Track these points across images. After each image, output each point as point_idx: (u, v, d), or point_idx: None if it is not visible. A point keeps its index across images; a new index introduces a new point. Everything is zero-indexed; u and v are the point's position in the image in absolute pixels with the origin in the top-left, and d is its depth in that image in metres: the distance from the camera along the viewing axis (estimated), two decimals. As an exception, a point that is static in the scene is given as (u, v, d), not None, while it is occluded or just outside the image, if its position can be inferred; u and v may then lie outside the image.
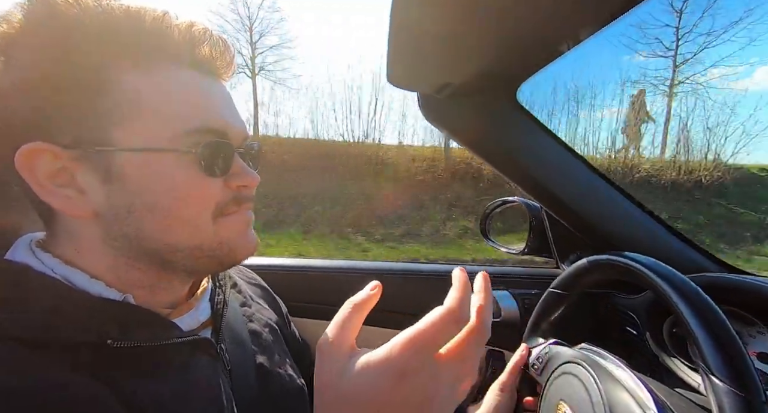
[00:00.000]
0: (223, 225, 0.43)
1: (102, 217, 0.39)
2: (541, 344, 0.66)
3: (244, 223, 0.46)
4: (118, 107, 0.37)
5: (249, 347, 0.55)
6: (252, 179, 0.45)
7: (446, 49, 0.57)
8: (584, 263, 0.62)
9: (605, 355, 0.54)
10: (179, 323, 0.45)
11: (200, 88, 0.41)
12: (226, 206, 0.43)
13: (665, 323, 0.70)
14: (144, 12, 0.39)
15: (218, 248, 0.43)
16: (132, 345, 0.38)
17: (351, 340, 0.35)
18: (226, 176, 0.43)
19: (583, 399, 0.48)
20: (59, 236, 0.42)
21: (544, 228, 0.97)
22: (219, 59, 0.44)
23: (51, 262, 0.40)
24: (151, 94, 0.38)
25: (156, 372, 0.39)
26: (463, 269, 0.38)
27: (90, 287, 0.40)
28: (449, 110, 0.76)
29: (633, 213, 0.80)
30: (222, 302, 0.53)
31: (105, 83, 0.37)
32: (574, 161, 0.79)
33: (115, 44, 0.37)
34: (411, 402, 0.31)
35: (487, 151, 0.81)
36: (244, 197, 0.45)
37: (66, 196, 0.38)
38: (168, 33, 0.40)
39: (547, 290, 0.69)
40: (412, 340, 0.32)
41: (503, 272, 1.00)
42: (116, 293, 0.41)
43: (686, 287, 0.44)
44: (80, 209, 0.39)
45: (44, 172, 0.37)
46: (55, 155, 0.37)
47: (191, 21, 0.42)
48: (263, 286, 0.72)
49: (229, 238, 0.44)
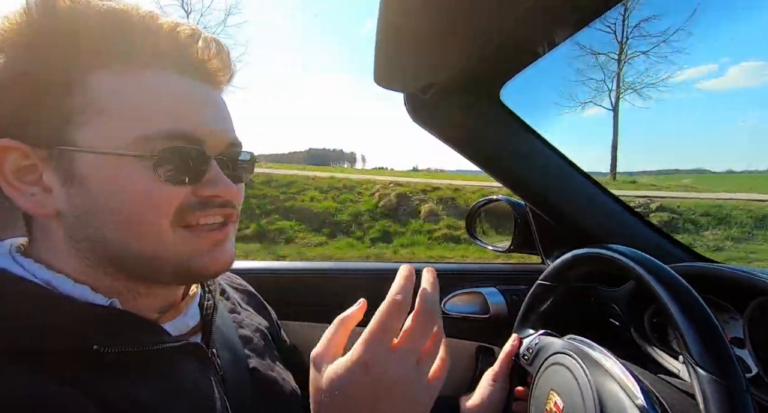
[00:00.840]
0: (184, 238, 0.41)
1: (64, 218, 0.39)
2: (532, 335, 0.68)
3: (209, 239, 0.42)
4: (83, 107, 0.37)
5: (241, 352, 0.54)
6: (224, 189, 0.42)
7: (430, 49, 0.58)
8: (571, 256, 0.64)
9: (593, 345, 0.55)
10: (168, 327, 0.44)
11: (175, 91, 0.40)
12: (188, 214, 0.40)
13: (646, 313, 0.73)
14: (122, 13, 0.38)
15: (177, 263, 0.41)
16: (117, 350, 0.37)
17: (338, 351, 0.41)
18: (196, 184, 0.40)
19: (572, 388, 0.50)
20: (37, 238, 0.41)
21: (529, 225, 0.99)
22: (210, 62, 0.42)
23: (32, 267, 0.39)
24: (118, 96, 0.37)
25: (141, 377, 0.38)
26: (410, 266, 0.43)
27: (74, 292, 0.39)
28: (434, 110, 0.77)
29: (612, 208, 0.84)
30: (212, 307, 0.52)
31: (72, 84, 0.37)
32: (556, 159, 0.81)
33: (85, 45, 0.37)
34: (382, 390, 0.37)
35: (472, 150, 0.82)
36: (212, 205, 0.42)
37: (31, 194, 0.38)
38: (148, 36, 0.39)
39: (535, 283, 0.70)
40: (367, 336, 0.38)
41: (490, 269, 1.02)
42: (102, 298, 0.40)
43: (669, 276, 0.46)
44: (44, 207, 0.38)
45: (11, 168, 0.38)
46: (24, 153, 0.37)
47: (177, 22, 0.40)
48: (251, 292, 0.71)
49: (190, 252, 0.41)
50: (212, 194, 0.41)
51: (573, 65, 14.03)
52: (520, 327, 0.72)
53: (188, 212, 0.40)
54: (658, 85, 14.42)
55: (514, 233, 1.04)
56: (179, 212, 0.40)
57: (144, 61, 0.38)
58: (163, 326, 0.44)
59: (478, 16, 0.50)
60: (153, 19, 0.39)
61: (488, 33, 0.53)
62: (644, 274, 0.47)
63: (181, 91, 0.40)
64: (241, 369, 0.52)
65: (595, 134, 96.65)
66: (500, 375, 0.68)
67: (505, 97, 0.79)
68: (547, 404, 0.54)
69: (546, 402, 0.54)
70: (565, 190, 0.83)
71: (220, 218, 0.43)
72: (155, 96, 0.38)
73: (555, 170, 0.82)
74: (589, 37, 2.69)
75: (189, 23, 0.41)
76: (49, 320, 0.36)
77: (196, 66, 0.42)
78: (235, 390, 0.48)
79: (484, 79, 0.73)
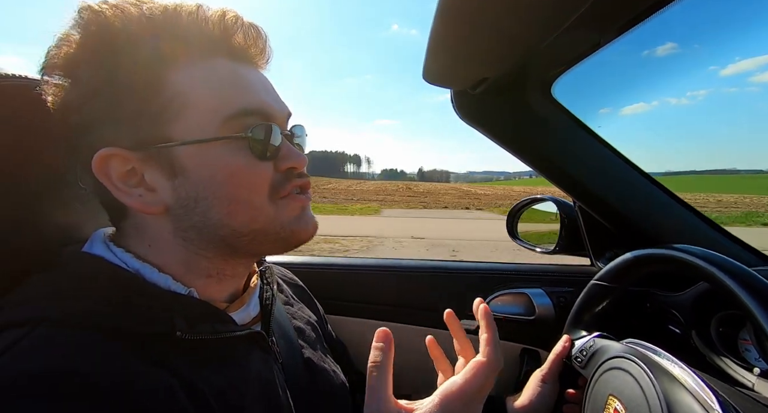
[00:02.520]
0: (282, 207, 0.44)
1: (172, 210, 0.41)
2: (585, 336, 0.65)
3: (300, 205, 0.46)
4: (169, 104, 0.39)
5: (296, 342, 0.56)
6: (299, 160, 0.45)
7: (485, 44, 0.57)
8: (632, 256, 0.61)
9: (658, 351, 0.52)
10: (234, 317, 0.46)
11: (237, 75, 0.42)
12: (280, 187, 0.43)
13: (713, 320, 0.68)
14: (180, 9, 0.40)
15: (281, 231, 0.44)
16: (197, 337, 0.39)
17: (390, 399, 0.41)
18: (275, 159, 0.43)
19: (635, 394, 0.47)
20: (129, 232, 0.44)
21: (577, 226, 0.95)
22: (253, 46, 0.44)
23: (124, 256, 0.42)
24: (195, 87, 0.40)
25: (215, 363, 0.41)
26: (485, 305, 0.49)
27: (159, 281, 0.42)
28: (483, 106, 0.76)
29: (673, 208, 0.79)
30: (271, 298, 0.54)
31: (153, 84, 0.39)
32: (612, 157, 0.78)
33: (157, 46, 0.39)
34: None
35: (521, 147, 0.80)
36: (293, 176, 0.45)
37: (139, 195, 0.41)
38: (203, 27, 0.40)
39: (590, 282, 0.67)
40: (460, 391, 0.42)
41: (536, 269, 0.99)
42: (182, 287, 0.43)
43: (757, 282, 0.42)
44: (153, 205, 0.41)
45: (117, 174, 0.40)
46: (124, 157, 0.39)
47: (223, 10, 0.42)
48: (301, 286, 0.73)
49: (289, 220, 0.44)
50: (290, 165, 0.44)
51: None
52: (571, 328, 0.70)
53: (279, 185, 0.43)
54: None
55: (561, 234, 1.00)
56: (272, 186, 0.43)
57: (203, 51, 0.41)
58: (231, 314, 0.46)
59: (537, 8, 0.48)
60: (203, 11, 0.41)
61: (545, 26, 0.52)
62: (725, 279, 0.43)
63: (239, 74, 0.42)
64: (297, 358, 0.54)
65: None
66: (550, 376, 0.66)
67: (558, 93, 0.77)
68: (606, 409, 0.51)
69: (605, 407, 0.52)
70: (621, 189, 0.79)
71: (299, 188, 0.46)
72: (224, 81, 0.41)
73: (610, 168, 0.79)
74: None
75: (231, 10, 0.43)
76: (139, 305, 0.38)
77: (244, 51, 0.44)
78: (293, 378, 0.50)
79: (537, 74, 0.71)
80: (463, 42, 0.55)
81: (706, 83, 39.57)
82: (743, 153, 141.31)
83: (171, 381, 0.35)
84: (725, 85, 62.17)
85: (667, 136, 73.04)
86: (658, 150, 30.11)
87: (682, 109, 33.02)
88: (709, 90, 34.06)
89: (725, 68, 31.98)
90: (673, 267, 0.54)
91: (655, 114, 48.94)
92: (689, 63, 27.22)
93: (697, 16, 24.42)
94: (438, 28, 0.51)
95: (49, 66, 0.40)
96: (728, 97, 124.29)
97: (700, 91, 49.46)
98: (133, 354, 0.35)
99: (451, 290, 0.97)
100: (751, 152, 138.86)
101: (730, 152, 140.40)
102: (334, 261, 1.07)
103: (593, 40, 0.60)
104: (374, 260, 1.07)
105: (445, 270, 1.01)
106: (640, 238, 0.81)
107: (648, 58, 25.06)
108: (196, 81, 0.40)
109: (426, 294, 0.98)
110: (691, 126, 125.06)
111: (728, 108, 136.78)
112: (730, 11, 31.39)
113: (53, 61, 0.40)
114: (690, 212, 0.79)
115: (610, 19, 0.52)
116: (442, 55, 0.60)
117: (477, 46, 0.56)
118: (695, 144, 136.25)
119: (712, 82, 41.09)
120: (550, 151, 0.79)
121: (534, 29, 0.52)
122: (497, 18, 0.49)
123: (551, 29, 0.51)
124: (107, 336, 0.35)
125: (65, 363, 0.31)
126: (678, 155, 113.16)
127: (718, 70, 32.95)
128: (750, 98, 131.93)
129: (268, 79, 0.46)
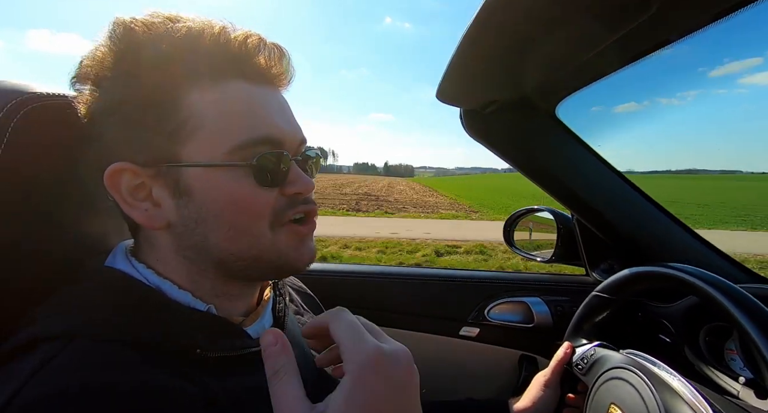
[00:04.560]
0: (281, 235, 0.43)
1: (174, 228, 0.42)
2: (586, 344, 0.69)
3: (300, 236, 0.45)
4: (183, 125, 0.39)
5: (309, 352, 0.58)
6: (305, 186, 0.44)
7: (499, 70, 0.60)
8: (630, 273, 0.65)
9: (657, 363, 0.56)
10: (249, 331, 0.47)
11: (253, 99, 0.42)
12: (282, 213, 0.43)
13: (701, 331, 0.73)
14: (203, 31, 0.40)
15: (276, 259, 0.44)
16: (217, 355, 0.40)
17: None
18: (282, 184, 0.43)
19: (636, 404, 0.51)
20: (143, 246, 0.45)
21: (574, 237, 0.99)
22: (275, 67, 0.44)
23: (145, 272, 0.43)
24: (209, 110, 0.40)
25: (233, 376, 0.42)
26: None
27: (179, 298, 0.43)
28: (491, 124, 0.79)
29: (667, 225, 0.83)
30: (283, 310, 0.56)
31: (171, 104, 0.39)
32: (610, 175, 0.82)
33: (178, 66, 0.39)
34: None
35: (525, 163, 0.84)
36: (297, 203, 0.44)
37: (144, 209, 0.41)
38: (224, 49, 0.40)
39: (591, 294, 0.71)
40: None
41: (533, 278, 1.03)
42: (201, 303, 0.44)
43: (745, 299, 0.46)
44: (156, 221, 0.41)
45: (126, 188, 0.41)
46: (135, 172, 0.40)
47: (247, 33, 0.42)
48: (309, 294, 0.75)
49: (286, 248, 0.44)
50: (296, 191, 0.44)
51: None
52: (572, 336, 0.73)
53: (281, 212, 0.43)
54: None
55: (557, 244, 1.04)
56: (274, 213, 0.42)
57: (223, 74, 0.41)
58: (246, 329, 0.47)
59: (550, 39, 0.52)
60: (226, 33, 0.41)
61: (563, 60, 0.56)
62: (719, 296, 0.48)
63: (257, 99, 0.43)
64: (310, 369, 0.56)
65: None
66: (552, 380, 0.69)
67: (561, 113, 0.80)
68: (608, 416, 0.55)
69: None
70: (617, 204, 0.84)
71: (304, 215, 0.45)
72: (239, 106, 0.41)
73: (608, 183, 0.83)
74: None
75: (255, 32, 0.43)
76: (164, 321, 0.39)
77: (262, 72, 0.43)
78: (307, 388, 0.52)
79: (544, 97, 0.75)
80: (480, 69, 0.58)
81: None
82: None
83: (198, 394, 0.37)
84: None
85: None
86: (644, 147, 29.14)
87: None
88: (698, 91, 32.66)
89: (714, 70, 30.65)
90: (670, 284, 0.58)
91: (647, 113, 50.18)
92: (679, 63, 27.82)
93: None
94: (460, 54, 0.54)
95: (81, 75, 0.41)
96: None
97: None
98: (162, 369, 0.36)
99: (451, 298, 1.01)
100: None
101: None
102: (340, 268, 1.09)
103: (600, 70, 0.64)
104: (378, 268, 1.10)
105: (445, 278, 1.04)
106: (634, 251, 0.85)
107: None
108: (211, 104, 0.40)
109: (426, 301, 1.01)
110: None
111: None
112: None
113: (85, 71, 0.41)
114: (681, 228, 0.84)
115: (619, 54, 0.56)
116: (459, 79, 0.62)
117: (493, 73, 0.59)
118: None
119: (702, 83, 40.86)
120: (552, 167, 0.83)
121: (549, 63, 0.55)
122: (516, 52, 0.52)
123: (565, 64, 0.54)
124: (139, 352, 0.36)
125: (103, 379, 0.32)
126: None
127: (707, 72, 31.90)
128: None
129: (285, 102, 0.46)
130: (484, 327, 0.98)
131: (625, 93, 0.75)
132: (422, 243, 6.77)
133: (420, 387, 0.34)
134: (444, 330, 1.00)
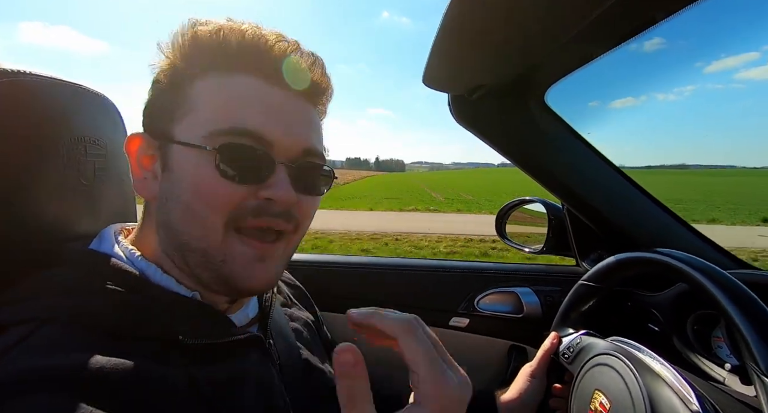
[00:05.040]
0: (234, 241, 0.41)
1: (157, 201, 0.44)
2: (572, 334, 0.68)
3: (254, 252, 0.42)
4: (182, 105, 0.42)
5: (294, 343, 0.57)
6: (282, 195, 0.41)
7: (486, 53, 0.59)
8: (615, 259, 0.64)
9: (641, 348, 0.56)
10: (233, 318, 0.47)
11: (254, 94, 0.41)
12: (242, 216, 0.41)
13: (689, 319, 0.72)
14: (229, 29, 0.42)
15: (222, 265, 0.41)
16: (198, 342, 0.40)
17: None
18: (258, 185, 0.41)
19: (620, 389, 0.51)
20: (143, 222, 0.47)
21: (564, 227, 0.99)
22: (297, 71, 0.44)
23: (132, 255, 0.43)
24: (207, 96, 0.41)
25: (215, 363, 0.42)
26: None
27: (162, 282, 0.42)
28: (479, 111, 0.78)
29: (656, 214, 0.83)
30: (270, 300, 0.55)
31: (176, 86, 0.43)
32: (600, 163, 0.81)
33: (190, 56, 0.43)
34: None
35: (513, 151, 0.83)
36: (267, 212, 0.41)
37: (144, 177, 0.44)
38: (243, 44, 0.42)
39: (578, 283, 0.71)
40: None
41: (524, 269, 1.03)
42: (185, 289, 0.43)
43: (732, 284, 0.46)
44: (147, 191, 0.44)
45: (140, 155, 0.44)
46: (148, 143, 0.44)
47: (279, 35, 0.43)
48: (299, 286, 0.74)
49: (234, 257, 0.41)
50: (269, 196, 0.41)
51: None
52: (559, 325, 0.73)
53: (243, 216, 0.41)
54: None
55: (548, 235, 1.04)
56: (234, 213, 0.40)
57: (235, 67, 0.42)
58: (230, 316, 0.47)
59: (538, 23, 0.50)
60: (254, 33, 0.42)
61: (544, 41, 0.55)
62: (704, 281, 0.47)
63: (259, 95, 0.42)
64: (295, 359, 0.55)
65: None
66: (538, 371, 0.69)
67: (550, 97, 0.79)
68: (592, 403, 0.55)
69: (591, 401, 0.55)
70: (607, 193, 0.83)
71: (273, 228, 0.42)
72: (235, 96, 0.41)
73: (598, 173, 0.82)
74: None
75: (289, 38, 0.44)
76: (143, 307, 0.39)
77: (276, 72, 0.43)
78: (291, 378, 0.51)
79: (532, 82, 0.73)
80: (463, 51, 0.57)
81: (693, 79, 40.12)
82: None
83: (176, 376, 0.37)
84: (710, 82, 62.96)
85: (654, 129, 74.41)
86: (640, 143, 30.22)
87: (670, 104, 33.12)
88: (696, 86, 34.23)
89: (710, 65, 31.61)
90: (656, 269, 0.58)
91: (644, 108, 49.96)
92: (675, 58, 26.85)
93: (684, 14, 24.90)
94: (442, 37, 0.53)
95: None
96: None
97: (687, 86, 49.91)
98: (135, 353, 0.35)
99: (440, 289, 1.00)
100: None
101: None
102: (330, 259, 1.08)
103: (587, 52, 0.63)
104: (368, 259, 1.09)
105: (435, 269, 1.03)
106: (624, 240, 0.85)
107: (635, 53, 25.70)
108: (210, 90, 0.42)
109: (416, 292, 1.00)
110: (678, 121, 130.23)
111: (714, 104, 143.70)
112: (714, 8, 32.05)
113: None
114: (671, 216, 0.84)
115: (606, 34, 0.55)
116: (443, 62, 0.61)
117: (477, 56, 0.58)
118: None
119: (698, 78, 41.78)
120: (541, 155, 0.82)
121: (533, 44, 0.54)
122: (499, 31, 0.51)
123: (549, 44, 0.53)
124: (112, 336, 0.36)
125: (72, 360, 0.32)
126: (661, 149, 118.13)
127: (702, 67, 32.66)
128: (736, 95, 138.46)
129: (301, 110, 0.44)
130: (473, 317, 0.98)
131: (618, 87, 0.74)
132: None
133: (407, 377, 0.32)
134: (433, 320, 0.99)
